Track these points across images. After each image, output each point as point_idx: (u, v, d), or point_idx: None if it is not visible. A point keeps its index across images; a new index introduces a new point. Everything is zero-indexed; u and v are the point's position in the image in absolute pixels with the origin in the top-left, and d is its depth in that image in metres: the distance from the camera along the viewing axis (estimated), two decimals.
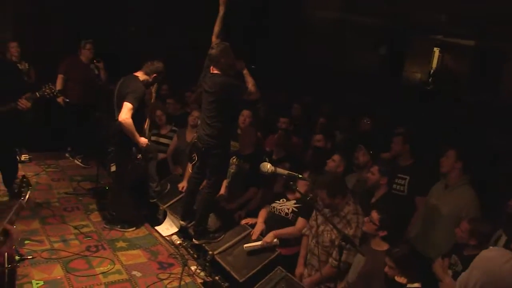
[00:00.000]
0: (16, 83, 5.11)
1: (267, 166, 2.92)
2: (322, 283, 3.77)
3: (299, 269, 4.04)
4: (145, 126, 5.06)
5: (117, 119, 4.64)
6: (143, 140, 4.81)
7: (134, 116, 4.64)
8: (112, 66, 6.87)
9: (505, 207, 3.69)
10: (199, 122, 4.95)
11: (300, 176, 3.04)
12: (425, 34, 8.77)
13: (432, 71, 9.27)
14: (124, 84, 4.81)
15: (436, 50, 9.27)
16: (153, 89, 5.25)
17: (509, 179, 4.56)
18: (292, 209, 4.37)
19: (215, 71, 4.32)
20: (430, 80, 9.22)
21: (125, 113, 4.58)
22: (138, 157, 4.86)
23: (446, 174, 3.98)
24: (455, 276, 3.28)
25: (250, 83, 4.27)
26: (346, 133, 6.19)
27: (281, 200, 4.51)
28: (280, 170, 2.98)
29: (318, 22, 8.85)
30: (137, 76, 4.83)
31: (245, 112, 5.71)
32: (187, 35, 8.21)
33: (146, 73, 4.86)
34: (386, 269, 3.11)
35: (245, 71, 4.33)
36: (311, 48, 8.98)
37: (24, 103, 4.76)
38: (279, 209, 4.44)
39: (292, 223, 4.31)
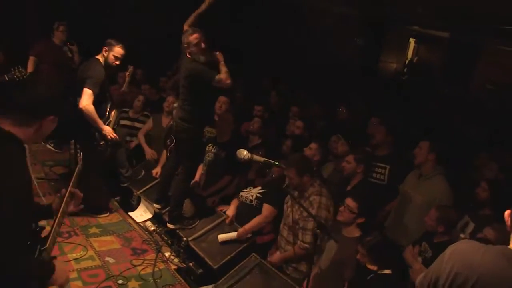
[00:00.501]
0: None
1: (244, 153, 2.92)
2: (288, 263, 3.82)
3: (272, 250, 4.11)
4: (112, 113, 4.92)
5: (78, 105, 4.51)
6: (107, 129, 4.69)
7: (94, 101, 4.53)
8: (88, 50, 6.69)
9: (473, 195, 3.80)
10: (175, 105, 4.90)
11: (277, 163, 3.04)
12: (401, 24, 8.83)
13: (407, 61, 9.34)
14: (84, 69, 4.69)
15: (412, 41, 9.33)
16: (127, 73, 5.14)
17: (478, 169, 4.67)
18: (256, 196, 4.42)
19: (188, 56, 4.31)
20: (405, 70, 9.30)
21: (86, 100, 4.48)
22: (101, 143, 4.73)
23: (420, 165, 4.04)
24: (425, 262, 3.37)
25: (223, 72, 4.20)
26: (321, 122, 6.22)
27: (248, 188, 4.57)
28: (256, 157, 2.98)
29: (297, 11, 8.83)
30: (98, 59, 4.71)
31: (222, 99, 5.67)
32: (162, 21, 8.08)
33: (105, 54, 4.71)
34: (358, 256, 3.16)
35: (221, 63, 4.26)
36: (290, 36, 8.97)
37: None
38: (245, 197, 4.50)
39: (257, 209, 4.34)
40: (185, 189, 4.63)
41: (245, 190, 4.58)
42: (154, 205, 4.85)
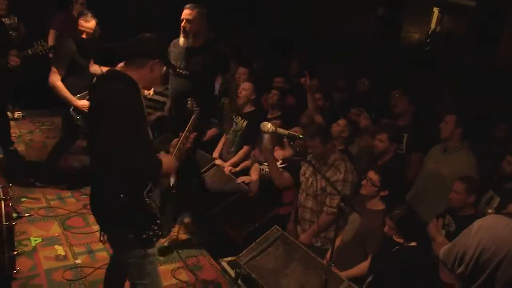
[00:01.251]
0: (1, 39, 4.90)
1: (268, 126, 2.84)
2: (318, 234, 3.83)
3: (289, 225, 4.12)
4: None
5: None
6: (79, 103, 4.55)
7: (68, 76, 4.54)
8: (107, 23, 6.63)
9: (498, 169, 3.73)
10: None
11: (301, 136, 2.99)
12: None
13: (430, 31, 9.10)
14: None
15: (436, 10, 9.05)
16: None
17: (502, 142, 4.58)
18: None
19: None
20: (428, 41, 9.06)
21: (51, 77, 4.49)
22: (77, 117, 4.63)
23: (446, 139, 3.97)
24: (448, 235, 3.35)
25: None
26: (341, 94, 6.14)
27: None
28: (280, 130, 2.91)
29: None
30: None
31: (241, 70, 5.63)
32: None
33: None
34: (386, 229, 3.16)
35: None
36: (309, 9, 8.80)
37: (14, 60, 4.66)
38: (266, 170, 4.47)
39: None
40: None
41: (265, 163, 4.56)
42: None
